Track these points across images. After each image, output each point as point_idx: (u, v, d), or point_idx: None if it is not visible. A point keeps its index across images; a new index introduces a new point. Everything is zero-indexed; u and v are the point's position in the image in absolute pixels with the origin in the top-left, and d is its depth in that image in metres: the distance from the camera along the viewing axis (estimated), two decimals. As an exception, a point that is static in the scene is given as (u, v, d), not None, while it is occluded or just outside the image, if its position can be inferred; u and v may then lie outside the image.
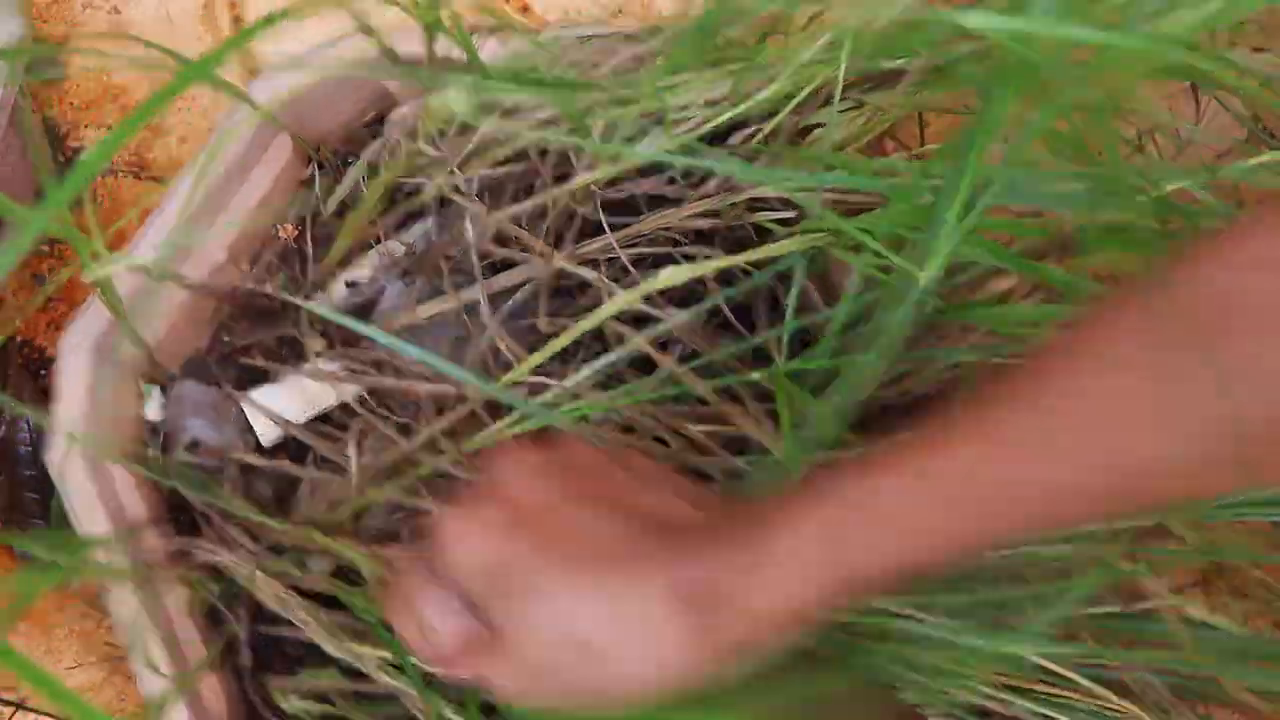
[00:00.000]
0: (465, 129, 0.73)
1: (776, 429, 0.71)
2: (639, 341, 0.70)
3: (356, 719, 0.70)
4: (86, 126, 0.94)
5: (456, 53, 0.69)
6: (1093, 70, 0.56)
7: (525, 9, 1.06)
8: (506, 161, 0.76)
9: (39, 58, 0.92)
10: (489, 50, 0.74)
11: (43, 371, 0.91)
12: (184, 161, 0.89)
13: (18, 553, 0.88)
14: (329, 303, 0.77)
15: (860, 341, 0.73)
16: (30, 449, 0.88)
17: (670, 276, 0.64)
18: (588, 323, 0.65)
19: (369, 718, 0.72)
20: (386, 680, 0.68)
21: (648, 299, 0.71)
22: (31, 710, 0.89)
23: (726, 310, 0.75)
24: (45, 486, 0.86)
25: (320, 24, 0.82)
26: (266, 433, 0.75)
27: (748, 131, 0.77)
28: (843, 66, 0.71)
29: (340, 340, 0.77)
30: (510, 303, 0.75)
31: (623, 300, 0.64)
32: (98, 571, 0.71)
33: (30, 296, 0.92)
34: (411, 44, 0.70)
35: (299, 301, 0.72)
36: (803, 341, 0.75)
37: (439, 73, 0.62)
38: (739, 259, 0.67)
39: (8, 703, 0.88)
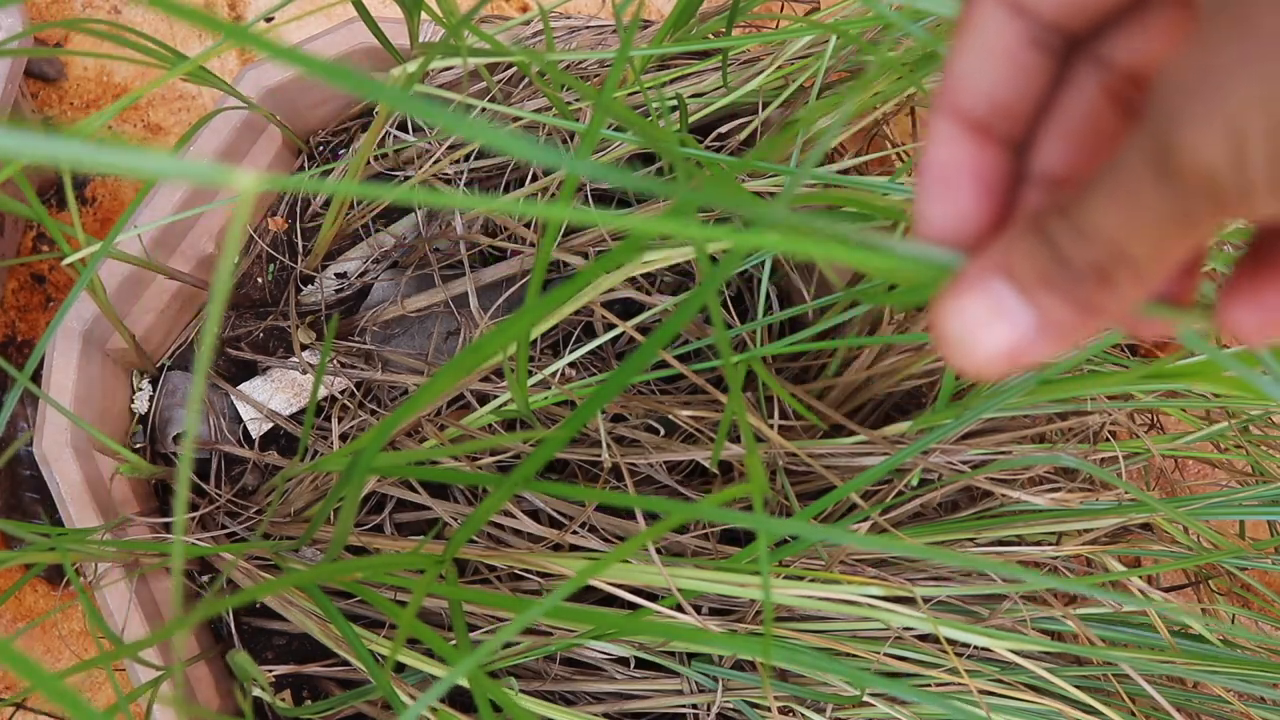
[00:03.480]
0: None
1: (767, 416, 0.71)
2: (627, 328, 0.69)
3: (341, 705, 0.70)
4: (86, 126, 0.95)
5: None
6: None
7: (524, 9, 1.06)
8: (496, 152, 0.76)
9: (39, 58, 0.93)
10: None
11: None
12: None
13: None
14: (318, 295, 0.77)
15: (848, 329, 0.73)
16: (30, 449, 0.89)
17: (653, 258, 0.64)
18: (572, 303, 0.65)
19: (354, 704, 0.71)
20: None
21: (639, 288, 0.71)
22: (31, 710, 0.89)
23: (713, 300, 0.75)
24: (45, 486, 0.87)
25: (319, 22, 0.83)
26: (255, 424, 0.75)
27: (737, 123, 0.77)
28: (827, 58, 0.71)
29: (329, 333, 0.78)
30: (500, 295, 0.75)
31: (607, 282, 0.64)
32: (88, 557, 0.70)
33: (30, 296, 0.93)
34: (402, 36, 0.71)
35: (288, 293, 0.72)
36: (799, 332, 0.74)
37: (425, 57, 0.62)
38: (720, 245, 0.67)
39: (8, 702, 0.88)
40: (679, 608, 0.61)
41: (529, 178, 0.75)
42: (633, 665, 0.70)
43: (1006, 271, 0.26)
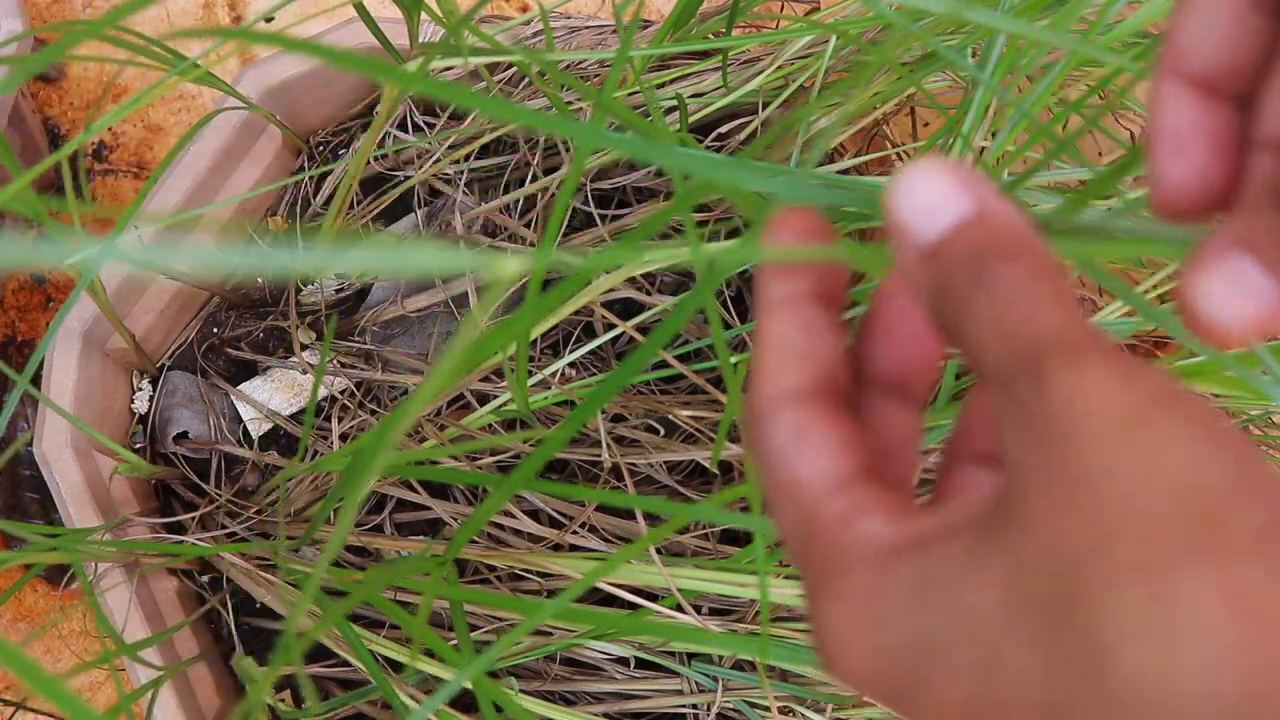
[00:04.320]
0: (454, 119, 0.73)
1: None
2: (627, 328, 0.69)
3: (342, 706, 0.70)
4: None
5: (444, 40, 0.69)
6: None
7: (524, 9, 1.06)
8: (497, 152, 0.76)
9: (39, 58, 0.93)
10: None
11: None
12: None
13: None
14: (318, 295, 0.77)
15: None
16: (30, 449, 0.89)
17: (653, 257, 0.64)
18: (572, 303, 0.65)
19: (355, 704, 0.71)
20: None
21: (639, 288, 0.71)
22: (32, 710, 0.89)
23: (715, 300, 0.75)
24: (45, 486, 0.87)
25: (319, 23, 0.83)
26: (254, 424, 0.75)
27: (737, 123, 0.77)
28: (827, 58, 0.71)
29: (329, 333, 0.78)
30: (500, 295, 0.75)
31: (607, 282, 0.64)
32: (88, 557, 0.70)
33: (30, 296, 0.93)
34: (402, 36, 0.71)
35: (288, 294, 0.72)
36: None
37: (424, 58, 0.62)
38: (720, 246, 0.67)
39: (9, 703, 0.88)
40: (679, 608, 0.61)
41: (529, 178, 0.75)
42: (633, 665, 0.70)
43: (1249, 245, 0.27)
